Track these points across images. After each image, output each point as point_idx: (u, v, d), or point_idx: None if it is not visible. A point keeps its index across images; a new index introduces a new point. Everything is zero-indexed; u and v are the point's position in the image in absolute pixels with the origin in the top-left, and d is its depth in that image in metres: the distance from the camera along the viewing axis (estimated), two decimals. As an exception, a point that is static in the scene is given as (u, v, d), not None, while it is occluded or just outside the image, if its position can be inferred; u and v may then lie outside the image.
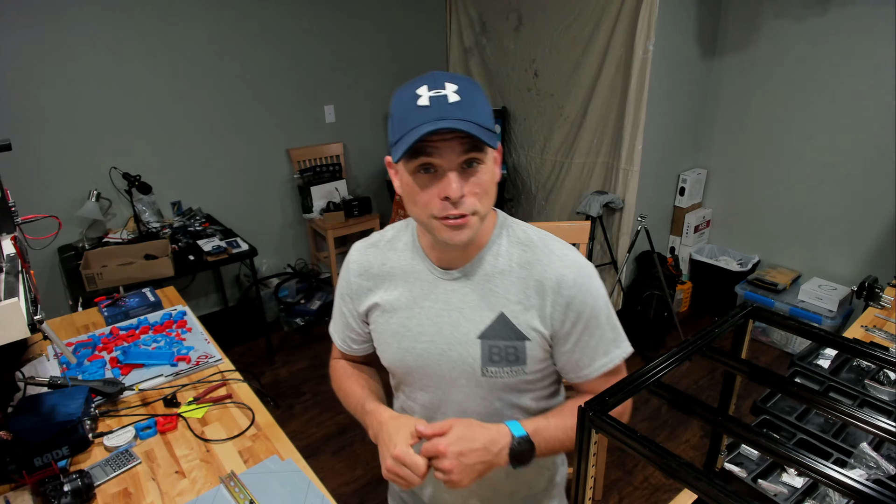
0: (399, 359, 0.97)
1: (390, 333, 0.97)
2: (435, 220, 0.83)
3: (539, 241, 0.93)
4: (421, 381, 0.98)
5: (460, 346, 0.92)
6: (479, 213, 0.83)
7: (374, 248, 1.01)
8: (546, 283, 0.89)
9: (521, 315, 0.90)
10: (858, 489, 0.49)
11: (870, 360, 0.73)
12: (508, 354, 0.90)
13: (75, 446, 1.18)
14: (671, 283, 3.32)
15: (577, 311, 0.89)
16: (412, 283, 0.95)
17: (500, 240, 0.93)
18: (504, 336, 0.90)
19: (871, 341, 1.57)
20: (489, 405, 0.95)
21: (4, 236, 1.04)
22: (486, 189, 0.83)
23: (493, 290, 0.91)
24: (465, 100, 0.78)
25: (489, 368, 0.91)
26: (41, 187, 2.78)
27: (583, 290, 0.89)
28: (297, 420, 2.65)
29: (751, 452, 1.13)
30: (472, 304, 0.91)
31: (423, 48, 4.04)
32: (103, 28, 2.77)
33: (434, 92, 0.78)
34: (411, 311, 0.95)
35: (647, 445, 0.58)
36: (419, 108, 0.78)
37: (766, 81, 3.14)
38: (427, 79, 0.80)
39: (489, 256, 0.92)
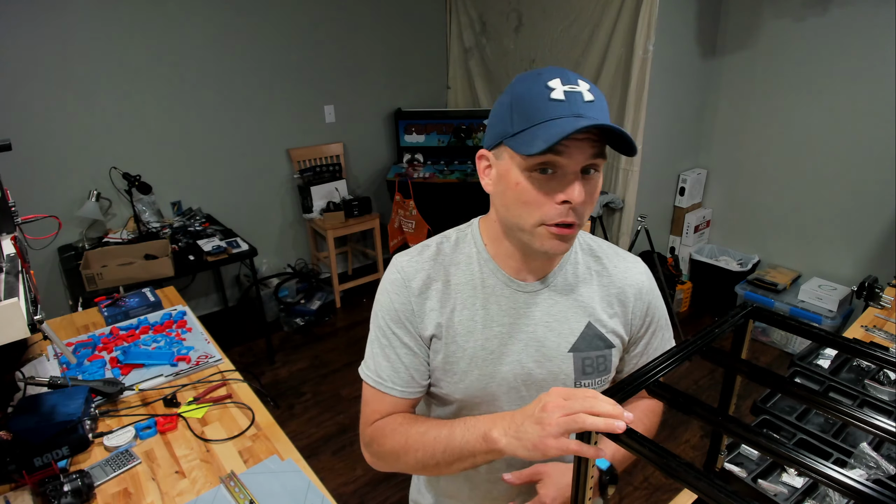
0: (482, 387, 0.86)
1: (468, 359, 0.85)
2: (544, 226, 0.76)
3: (607, 247, 0.93)
4: (501, 408, 0.87)
5: (550, 363, 0.85)
6: (582, 223, 0.78)
7: (434, 261, 0.88)
8: (628, 290, 0.89)
9: (608, 323, 0.88)
10: (858, 489, 0.49)
11: (870, 360, 0.73)
12: (599, 364, 0.88)
13: (75, 446, 1.18)
14: (671, 283, 3.32)
15: (652, 315, 0.92)
16: (486, 299, 0.86)
17: (575, 247, 0.90)
18: (594, 346, 0.87)
19: (871, 341, 1.57)
20: None
21: (4, 236, 1.04)
22: (596, 199, 0.78)
23: (579, 299, 0.87)
24: (597, 101, 0.73)
25: (583, 381, 0.87)
26: (41, 187, 2.78)
27: (655, 295, 0.92)
28: (297, 420, 2.65)
29: (751, 452, 1.13)
30: (559, 317, 0.86)
31: (423, 48, 4.04)
32: (103, 28, 2.77)
33: (568, 87, 0.72)
34: (491, 331, 0.85)
35: (647, 445, 0.58)
36: (553, 101, 0.71)
37: (766, 81, 3.14)
38: (556, 72, 0.73)
39: (568, 266, 0.88)
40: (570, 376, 0.86)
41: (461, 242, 0.89)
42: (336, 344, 3.28)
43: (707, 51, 3.26)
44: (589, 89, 0.73)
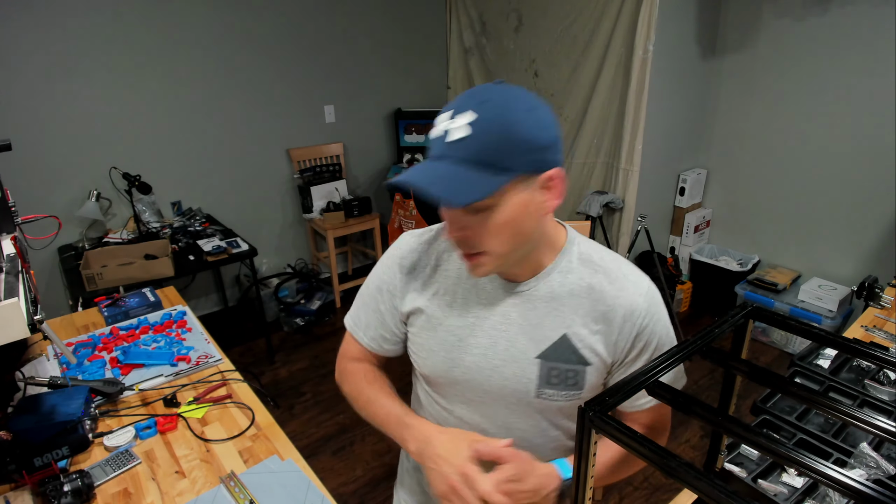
0: (445, 370, 0.91)
1: (438, 341, 0.90)
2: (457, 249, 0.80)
3: (612, 262, 0.88)
4: (464, 394, 0.92)
5: (515, 365, 0.87)
6: (493, 253, 0.78)
7: (429, 246, 0.94)
8: (617, 309, 0.84)
9: (587, 339, 0.85)
10: (858, 489, 0.49)
11: (870, 360, 0.73)
12: (568, 378, 0.86)
13: (75, 446, 1.18)
14: (671, 283, 3.32)
15: (646, 342, 0.86)
16: (468, 290, 0.89)
17: (570, 257, 0.88)
18: (565, 359, 0.86)
19: (871, 341, 1.57)
20: (535, 425, 0.91)
21: (4, 236, 1.04)
22: (498, 230, 0.75)
23: (560, 309, 0.86)
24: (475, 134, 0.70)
25: (545, 391, 0.87)
26: (41, 187, 2.78)
27: (654, 321, 0.86)
28: (297, 420, 2.65)
29: (751, 452, 1.13)
30: (533, 322, 0.86)
31: (423, 48, 4.04)
32: (103, 28, 2.77)
33: (446, 123, 0.73)
34: (464, 320, 0.89)
35: (647, 445, 0.58)
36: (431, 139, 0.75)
37: (766, 81, 3.14)
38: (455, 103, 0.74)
39: (557, 274, 0.87)
40: (532, 381, 0.86)
41: None
42: (336, 344, 3.25)
43: (707, 51, 3.26)
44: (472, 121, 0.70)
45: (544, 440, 0.92)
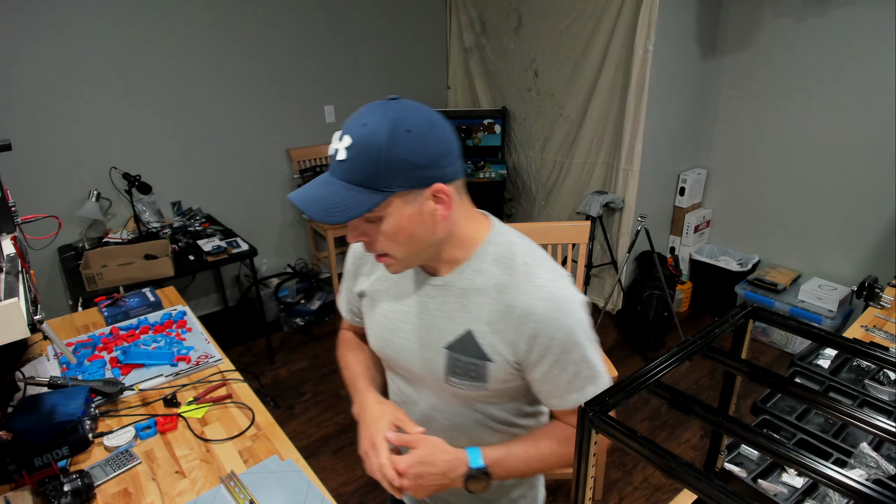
0: (379, 347, 1.02)
1: (374, 321, 1.02)
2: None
3: (522, 265, 0.88)
4: (397, 370, 1.04)
5: (428, 351, 0.94)
6: (397, 256, 0.85)
7: None
8: (515, 310, 0.85)
9: (489, 336, 0.88)
10: (858, 489, 0.49)
11: (870, 360, 0.73)
12: (470, 370, 0.90)
13: (75, 446, 1.18)
14: (671, 283, 3.32)
15: (545, 346, 0.85)
16: (400, 279, 0.98)
17: (485, 256, 0.90)
18: (468, 353, 0.89)
19: (871, 341, 1.57)
20: (454, 407, 0.98)
21: (4, 236, 1.04)
22: (392, 236, 0.82)
23: (467, 305, 0.89)
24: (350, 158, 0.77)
25: (451, 378, 0.92)
26: (41, 187, 2.78)
27: (552, 326, 0.84)
28: (297, 420, 2.65)
29: (751, 452, 1.13)
30: (446, 315, 0.92)
31: (423, 48, 4.04)
32: (103, 28, 2.77)
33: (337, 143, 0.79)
34: (395, 306, 0.98)
35: (647, 445, 0.58)
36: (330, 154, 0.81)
37: (766, 81, 3.14)
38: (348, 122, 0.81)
39: (470, 271, 0.90)
40: (440, 370, 0.93)
41: None
42: (336, 344, 3.28)
43: (707, 51, 3.26)
44: (349, 146, 0.77)
45: (465, 420, 0.98)
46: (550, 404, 0.93)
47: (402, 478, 0.86)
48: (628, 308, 3.27)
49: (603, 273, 3.56)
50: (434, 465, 0.87)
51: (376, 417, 0.94)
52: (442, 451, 0.89)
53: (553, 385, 0.88)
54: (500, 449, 0.91)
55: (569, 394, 0.88)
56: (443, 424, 0.99)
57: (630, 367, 3.04)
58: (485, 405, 0.96)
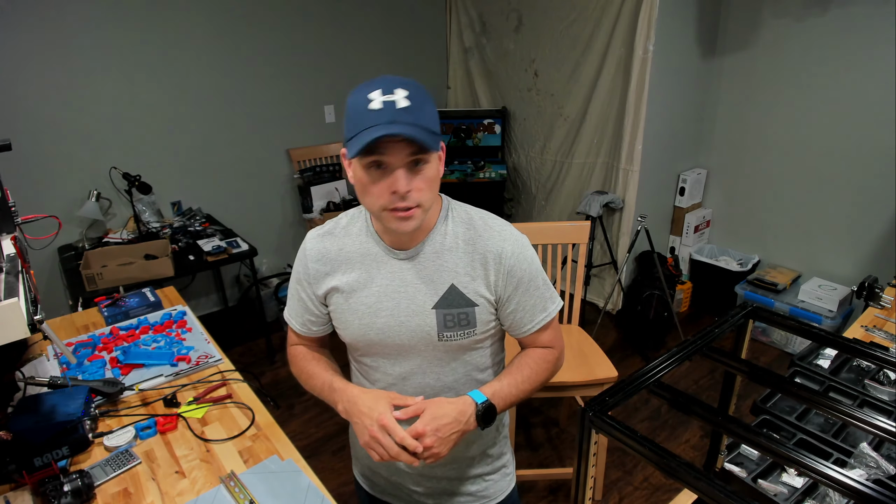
0: (362, 334, 1.06)
1: (351, 312, 1.06)
2: (385, 210, 0.92)
3: (479, 219, 1.05)
4: (383, 351, 1.07)
5: (417, 317, 1.02)
6: (422, 206, 0.93)
7: (331, 235, 1.09)
8: (489, 255, 1.01)
9: (470, 284, 1.02)
10: (858, 489, 0.49)
11: (870, 360, 0.73)
12: (461, 320, 1.02)
13: (75, 446, 1.18)
14: (671, 283, 3.32)
15: (518, 277, 1.02)
16: (369, 264, 1.04)
17: (446, 221, 1.04)
18: (456, 304, 1.02)
19: (871, 341, 1.57)
20: (445, 365, 1.07)
21: (4, 236, 1.04)
22: (430, 184, 0.93)
23: (444, 265, 1.02)
24: (413, 105, 0.86)
25: (444, 333, 1.02)
26: (41, 187, 2.78)
27: (520, 259, 1.02)
28: (297, 420, 2.65)
29: (751, 452, 1.13)
30: (426, 279, 1.02)
31: (423, 48, 4.04)
32: (103, 28, 2.77)
33: (386, 97, 0.86)
34: (369, 290, 1.04)
35: (647, 445, 0.58)
36: (371, 112, 0.86)
37: (766, 81, 3.14)
38: (380, 82, 0.88)
39: (437, 236, 1.03)
40: (433, 328, 1.02)
41: (355, 218, 1.09)
42: (336, 344, 3.26)
43: (707, 51, 3.26)
44: (406, 96, 0.87)
45: (455, 377, 1.08)
46: (522, 332, 1.07)
47: (424, 438, 0.91)
48: (628, 308, 3.27)
49: (603, 273, 3.56)
50: (446, 415, 0.94)
51: (372, 403, 0.97)
52: (447, 402, 0.97)
53: (524, 312, 1.05)
54: (493, 383, 1.03)
55: (536, 316, 1.06)
56: (435, 387, 1.07)
57: (630, 367, 3.04)
58: (472, 353, 1.08)
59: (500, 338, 1.14)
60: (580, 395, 2.15)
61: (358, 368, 1.16)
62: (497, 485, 1.21)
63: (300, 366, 1.16)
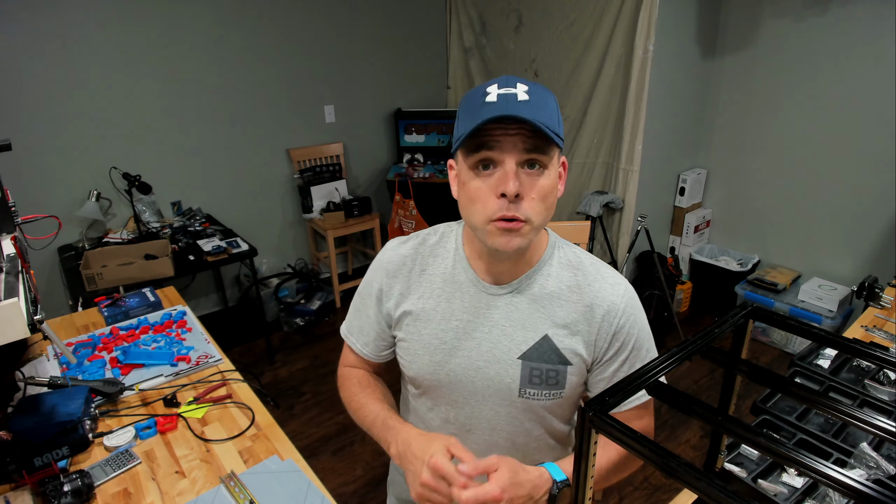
0: (430, 372, 0.94)
1: (422, 345, 0.93)
2: (490, 223, 0.79)
3: (591, 265, 0.91)
4: (450, 395, 0.94)
5: (498, 365, 0.89)
6: (532, 223, 0.80)
7: (415, 251, 0.97)
8: (596, 309, 0.88)
9: (566, 339, 0.88)
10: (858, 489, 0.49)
11: (870, 360, 0.73)
12: (549, 378, 0.89)
13: (75, 446, 1.18)
14: (671, 283, 3.32)
15: (623, 341, 0.88)
16: (451, 293, 0.92)
17: (551, 260, 0.91)
18: (546, 359, 0.88)
19: (871, 341, 1.57)
20: (519, 425, 0.93)
21: (4, 236, 1.04)
22: (545, 196, 0.79)
23: (541, 310, 0.88)
24: (534, 100, 0.76)
25: (527, 390, 0.89)
26: (41, 187, 2.78)
27: (631, 321, 0.89)
28: (297, 420, 2.65)
29: (751, 452, 1.13)
30: (517, 324, 0.89)
31: (423, 48, 4.04)
32: (103, 28, 2.77)
33: (504, 90, 0.77)
34: (448, 324, 0.91)
35: (647, 445, 0.58)
36: (486, 104, 0.76)
37: (766, 81, 3.14)
38: (499, 79, 0.79)
39: (539, 276, 0.89)
40: (515, 381, 0.89)
41: (445, 237, 0.96)
42: (336, 344, 3.27)
43: (707, 51, 3.26)
44: (527, 90, 0.77)
45: (527, 439, 0.95)
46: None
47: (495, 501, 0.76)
48: (628, 308, 3.27)
49: (603, 273, 3.56)
50: (521, 485, 0.79)
51: (426, 447, 0.81)
52: (523, 470, 0.81)
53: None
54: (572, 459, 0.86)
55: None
56: (502, 448, 0.93)
57: (630, 367, 3.03)
58: (552, 418, 0.94)
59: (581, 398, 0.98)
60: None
61: (413, 405, 1.03)
62: None
63: (351, 392, 1.03)
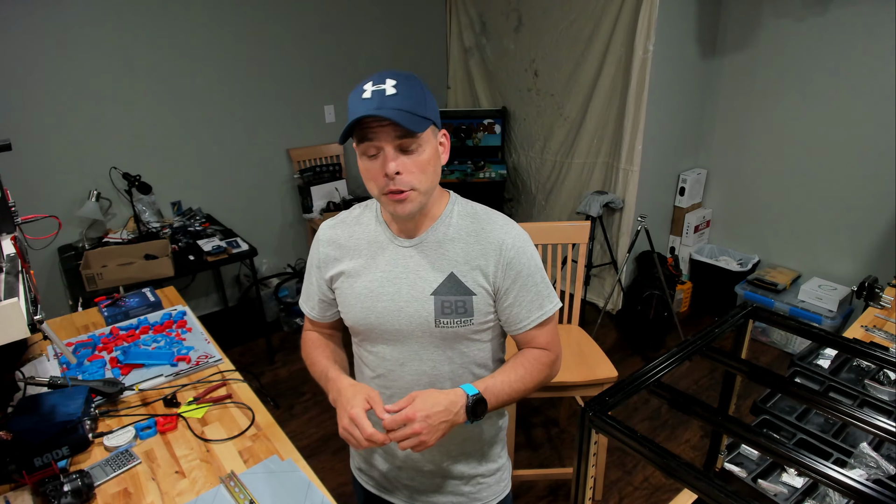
0: (362, 317, 1.09)
1: (354, 296, 1.09)
2: (383, 195, 0.98)
3: (483, 213, 1.09)
4: (382, 335, 1.09)
5: (416, 303, 1.05)
6: (417, 189, 0.98)
7: (343, 223, 1.14)
8: (490, 246, 1.04)
9: (469, 274, 1.04)
10: (858, 489, 0.49)
11: (870, 360, 0.73)
12: (458, 307, 1.04)
13: (75, 446, 1.18)
14: (671, 283, 3.32)
15: (516, 270, 1.04)
16: (375, 251, 1.09)
17: (451, 213, 1.08)
18: (454, 292, 1.04)
19: (871, 341, 1.57)
20: (442, 353, 1.08)
21: (4, 236, 1.04)
22: (424, 167, 0.97)
23: (445, 254, 1.05)
24: (400, 93, 0.92)
25: (441, 320, 1.04)
26: (41, 187, 2.78)
27: (520, 252, 1.05)
28: (297, 420, 2.65)
29: (751, 452, 1.13)
30: (427, 267, 1.06)
31: (423, 48, 4.04)
32: (103, 28, 2.77)
33: (376, 87, 0.93)
34: (373, 275, 1.08)
35: (647, 445, 0.58)
36: (363, 101, 0.93)
37: (766, 81, 3.14)
38: (374, 76, 0.95)
39: (441, 226, 1.07)
40: (431, 314, 1.04)
41: (368, 208, 1.14)
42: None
43: (707, 51, 3.26)
44: (395, 84, 0.93)
45: (451, 366, 1.09)
46: (519, 328, 1.08)
47: (413, 423, 0.93)
48: (628, 308, 3.27)
49: (603, 273, 3.56)
50: (437, 403, 0.96)
51: (351, 396, 0.99)
52: (438, 392, 0.98)
53: (520, 307, 1.06)
54: (486, 379, 1.04)
55: (532, 312, 1.07)
56: (430, 375, 1.09)
57: (630, 367, 3.04)
58: (470, 344, 1.09)
59: (501, 336, 1.15)
60: (580, 395, 2.15)
61: (359, 354, 1.19)
62: (491, 489, 1.21)
63: (307, 352, 1.21)
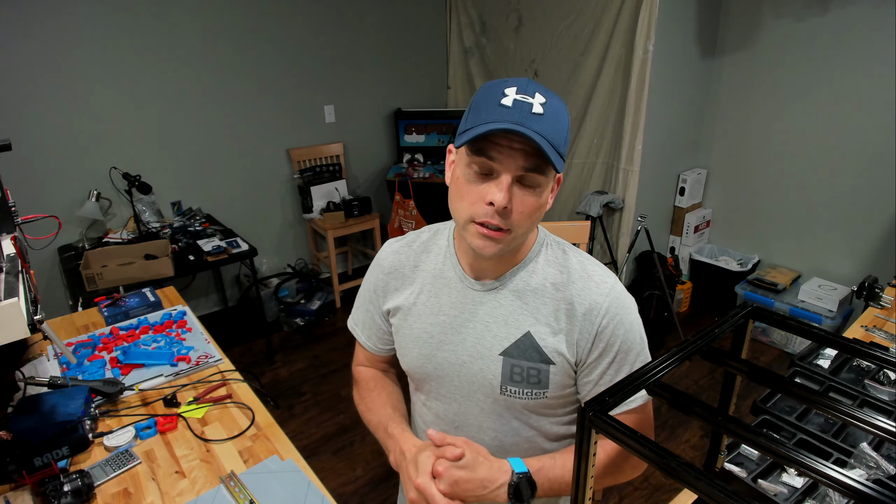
0: (419, 365, 0.96)
1: (412, 338, 0.95)
2: (473, 223, 0.80)
3: (577, 263, 0.89)
4: (438, 389, 0.96)
5: (482, 361, 0.89)
6: (514, 233, 0.80)
7: (408, 248, 0.99)
8: (577, 307, 0.86)
9: (549, 338, 0.87)
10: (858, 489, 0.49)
11: (870, 360, 0.73)
12: (530, 376, 0.87)
13: (75, 446, 1.18)
14: (671, 283, 3.32)
15: (607, 343, 0.86)
16: (440, 288, 0.93)
17: (537, 258, 0.90)
18: (527, 357, 0.87)
19: (871, 341, 1.56)
20: (506, 423, 0.93)
21: (4, 236, 1.04)
22: (532, 212, 0.79)
23: (523, 307, 0.88)
24: (548, 116, 0.75)
25: (508, 387, 0.89)
26: (41, 187, 2.78)
27: (615, 322, 0.85)
28: (297, 420, 2.65)
29: (751, 452, 1.13)
30: (499, 320, 0.89)
31: (423, 48, 4.04)
32: (103, 27, 2.77)
33: (521, 96, 0.75)
34: (436, 318, 0.93)
35: (647, 445, 0.58)
36: (500, 107, 0.75)
37: (766, 81, 3.14)
38: (519, 82, 0.77)
39: (523, 273, 0.89)
40: (497, 378, 0.89)
41: (439, 234, 0.98)
42: (336, 344, 3.28)
43: (707, 51, 3.26)
44: (543, 103, 0.75)
45: (516, 440, 0.94)
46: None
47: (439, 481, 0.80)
48: (628, 308, 3.27)
49: (603, 273, 3.56)
50: (474, 470, 0.80)
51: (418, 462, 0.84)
52: (485, 458, 0.82)
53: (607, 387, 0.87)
54: (545, 458, 0.86)
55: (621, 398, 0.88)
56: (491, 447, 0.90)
57: (630, 367, 3.03)
58: (540, 418, 0.93)
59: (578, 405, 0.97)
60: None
61: (415, 404, 1.06)
62: None
63: (361, 394, 1.07)
